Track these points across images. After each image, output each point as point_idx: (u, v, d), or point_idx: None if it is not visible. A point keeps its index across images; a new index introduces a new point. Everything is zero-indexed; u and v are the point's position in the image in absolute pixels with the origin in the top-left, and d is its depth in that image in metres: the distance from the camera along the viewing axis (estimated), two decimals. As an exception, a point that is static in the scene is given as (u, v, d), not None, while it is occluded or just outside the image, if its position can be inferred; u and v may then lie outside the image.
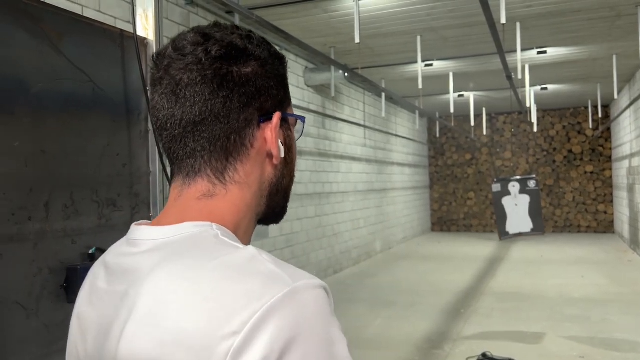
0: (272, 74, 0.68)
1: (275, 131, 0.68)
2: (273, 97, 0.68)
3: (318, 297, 0.57)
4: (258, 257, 0.58)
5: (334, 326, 0.57)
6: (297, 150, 0.75)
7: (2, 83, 0.97)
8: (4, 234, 0.95)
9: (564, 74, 8.59)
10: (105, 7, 3.85)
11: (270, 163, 0.69)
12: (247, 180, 0.68)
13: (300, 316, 0.54)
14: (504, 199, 5.66)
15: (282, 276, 0.56)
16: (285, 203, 0.76)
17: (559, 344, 4.40)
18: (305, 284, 0.56)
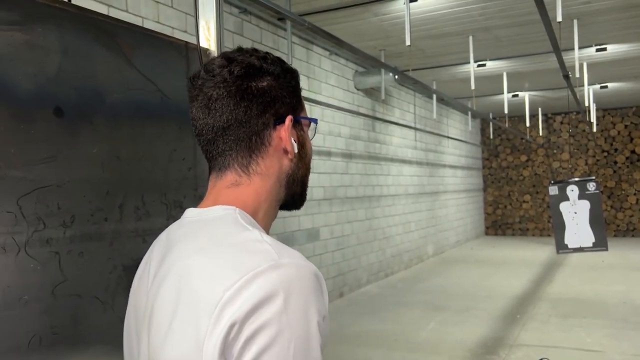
0: (285, 86, 0.83)
1: (287, 131, 0.82)
2: (286, 104, 0.83)
3: (301, 273, 0.68)
4: (259, 239, 0.72)
5: (312, 303, 0.67)
6: (312, 147, 0.89)
7: (83, 95, 1.05)
8: (85, 234, 1.03)
9: (625, 72, 8.24)
10: (163, 19, 4.02)
11: (287, 157, 0.84)
12: (267, 172, 0.83)
13: (280, 281, 0.66)
14: (561, 204, 5.44)
15: (272, 254, 0.69)
16: (304, 192, 0.89)
17: (622, 352, 4.23)
18: (290, 262, 0.69)
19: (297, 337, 0.65)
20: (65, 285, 1.01)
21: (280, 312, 0.65)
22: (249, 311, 0.64)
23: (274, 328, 0.64)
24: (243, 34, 4.98)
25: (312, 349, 0.66)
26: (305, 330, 0.66)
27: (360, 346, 4.60)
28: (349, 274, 6.85)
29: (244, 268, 0.67)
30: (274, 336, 0.64)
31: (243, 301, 0.65)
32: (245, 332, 0.64)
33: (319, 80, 6.23)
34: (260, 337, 0.64)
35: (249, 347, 0.64)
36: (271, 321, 0.64)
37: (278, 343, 0.64)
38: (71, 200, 1.03)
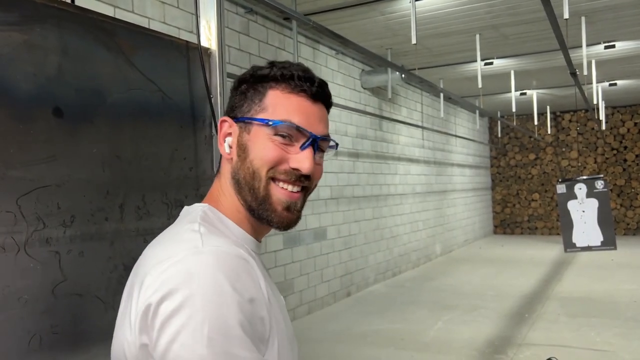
0: (238, 92, 0.88)
1: (219, 133, 0.87)
2: (236, 110, 0.87)
3: (220, 258, 0.72)
4: (194, 229, 0.78)
5: (229, 285, 0.69)
6: (270, 152, 0.83)
7: (83, 95, 1.06)
8: (85, 233, 1.04)
9: (635, 69, 8.16)
10: (169, 19, 4.03)
11: (228, 159, 0.87)
12: (222, 170, 0.89)
13: (196, 266, 0.70)
14: (569, 203, 5.37)
15: (197, 242, 0.74)
16: (254, 201, 0.84)
17: (632, 351, 4.19)
18: (210, 249, 0.73)
19: (211, 317, 0.67)
20: (66, 285, 1.01)
21: (193, 294, 0.67)
22: (164, 295, 0.68)
23: (187, 310, 0.67)
24: (249, 34, 4.99)
25: (230, 327, 0.67)
26: (220, 311, 0.67)
27: (368, 345, 4.59)
28: (356, 273, 6.84)
29: (167, 255, 0.73)
30: (187, 318, 0.66)
31: (159, 285, 0.70)
32: (160, 315, 0.68)
33: (325, 79, 6.21)
34: (174, 320, 0.67)
35: (164, 330, 0.67)
36: (184, 304, 0.67)
37: (191, 325, 0.66)
38: (71, 200, 1.03)
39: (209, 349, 0.65)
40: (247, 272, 0.73)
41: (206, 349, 0.65)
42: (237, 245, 0.78)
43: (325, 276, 6.15)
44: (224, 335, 0.66)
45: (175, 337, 0.66)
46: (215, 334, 0.66)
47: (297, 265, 5.64)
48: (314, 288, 5.94)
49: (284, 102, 0.84)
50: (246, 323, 0.69)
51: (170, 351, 0.67)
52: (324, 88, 0.91)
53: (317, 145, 0.85)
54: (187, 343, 0.66)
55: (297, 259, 5.65)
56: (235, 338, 0.67)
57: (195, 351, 0.65)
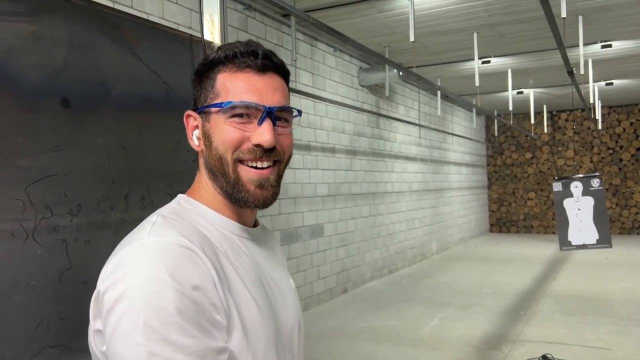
0: (194, 83, 0.89)
1: (187, 126, 0.89)
2: (196, 101, 0.89)
3: (161, 247, 0.74)
4: (152, 220, 0.80)
5: (168, 273, 0.71)
6: (230, 135, 0.84)
7: (89, 86, 1.07)
8: (91, 222, 1.05)
9: (631, 68, 8.21)
10: (168, 15, 4.04)
11: (199, 151, 0.89)
12: (199, 164, 0.90)
13: (136, 256, 0.73)
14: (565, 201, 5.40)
15: (145, 232, 0.77)
16: (227, 184, 0.86)
17: (625, 348, 4.23)
18: (154, 239, 0.75)
19: (147, 306, 0.69)
20: (72, 272, 1.02)
21: (132, 285, 0.70)
22: (109, 285, 0.72)
23: (126, 300, 0.70)
24: (247, 30, 4.99)
25: (167, 314, 0.69)
26: (157, 300, 0.69)
27: (364, 342, 4.61)
28: (353, 270, 6.87)
29: (121, 245, 0.78)
30: (125, 307, 0.70)
31: (107, 274, 0.74)
32: (105, 304, 0.72)
33: (323, 76, 6.24)
34: (115, 309, 0.70)
35: (108, 318, 0.71)
36: (123, 294, 0.70)
37: (128, 313, 0.69)
38: (78, 189, 1.04)
39: (144, 336, 0.68)
40: (190, 261, 0.74)
41: (142, 336, 0.68)
42: (193, 234, 0.79)
43: (321, 273, 6.17)
44: (161, 322, 0.68)
45: (116, 326, 0.70)
46: (151, 322, 0.68)
47: (294, 262, 5.66)
48: (311, 285, 5.96)
49: (233, 83, 0.84)
50: (187, 310, 0.70)
51: (112, 338, 0.70)
52: (271, 58, 0.88)
53: (274, 116, 0.84)
54: (125, 331, 0.69)
55: (294, 256, 5.67)
56: (172, 325, 0.69)
57: (133, 339, 0.68)
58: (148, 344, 0.68)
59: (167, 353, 0.68)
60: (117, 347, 0.70)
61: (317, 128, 6.11)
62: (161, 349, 0.68)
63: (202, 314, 0.71)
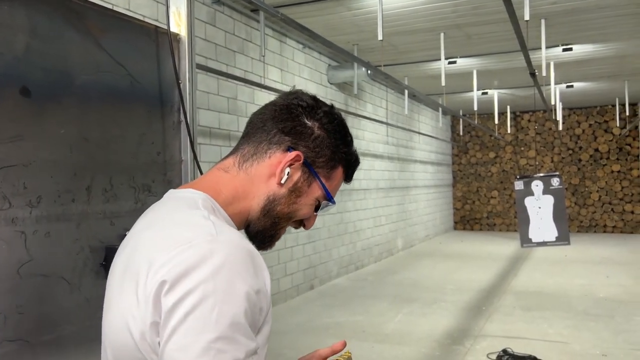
0: (324, 141, 0.92)
1: (285, 159, 0.89)
2: (309, 149, 0.91)
3: (234, 249, 0.75)
4: (205, 216, 0.80)
5: (240, 276, 0.73)
6: (310, 213, 0.95)
7: (52, 75, 1.05)
8: (52, 214, 1.03)
9: (591, 72, 8.47)
10: (134, 6, 3.97)
11: (275, 180, 0.90)
12: (254, 177, 0.90)
13: (211, 252, 0.73)
14: (526, 199, 5.55)
15: (211, 229, 0.77)
16: (269, 232, 0.93)
17: (582, 342, 4.38)
18: (226, 238, 0.76)
19: (221, 302, 0.70)
20: (31, 265, 1.00)
21: (207, 279, 0.71)
22: (179, 274, 0.71)
23: (200, 293, 0.70)
24: (215, 24, 4.95)
25: (236, 315, 0.71)
26: (230, 298, 0.71)
27: (329, 337, 4.64)
28: (320, 266, 6.89)
29: (182, 238, 0.75)
30: (199, 300, 0.70)
31: (175, 264, 0.72)
32: (174, 294, 0.70)
33: (292, 73, 6.24)
34: (187, 300, 0.70)
35: (175, 310, 0.70)
36: (198, 286, 0.70)
37: (202, 306, 0.69)
38: (38, 180, 1.02)
39: (215, 333, 0.69)
40: (254, 264, 0.77)
41: (213, 333, 0.69)
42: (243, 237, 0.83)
43: (288, 269, 6.18)
44: (231, 321, 0.70)
45: (185, 318, 0.70)
46: (223, 320, 0.70)
47: (261, 258, 5.65)
48: (277, 281, 5.96)
49: (338, 183, 0.97)
50: (249, 312, 0.73)
51: (178, 330, 0.70)
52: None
53: None
54: (196, 325, 0.69)
55: (261, 253, 5.65)
56: (240, 325, 0.71)
57: (203, 333, 0.69)
58: (217, 341, 0.69)
59: (232, 351, 0.70)
60: (182, 341, 0.69)
61: (285, 124, 6.09)
62: (227, 347, 0.70)
63: (254, 316, 0.75)
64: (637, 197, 12.11)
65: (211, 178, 0.90)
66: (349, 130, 0.97)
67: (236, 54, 5.23)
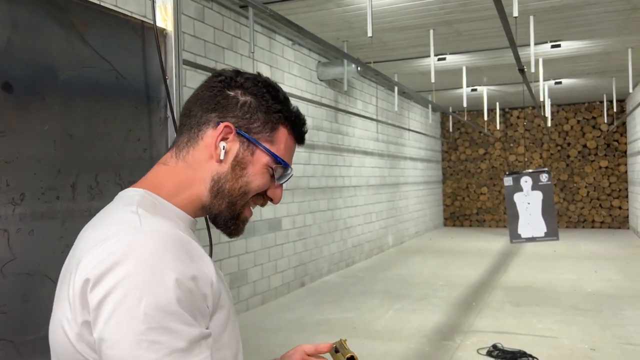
0: (253, 105, 0.89)
1: (217, 135, 0.87)
2: (241, 119, 0.88)
3: (159, 238, 0.74)
4: (133, 210, 0.80)
5: (167, 264, 0.72)
6: (264, 183, 0.90)
7: (35, 71, 1.03)
8: (36, 212, 1.01)
9: (579, 68, 8.53)
10: (121, 2, 3.93)
11: (214, 160, 0.87)
12: (192, 164, 0.87)
13: (134, 244, 0.72)
14: (515, 195, 5.58)
15: (135, 222, 0.77)
16: (228, 214, 0.89)
17: (571, 336, 4.42)
18: (150, 229, 0.75)
19: (148, 293, 0.69)
20: (15, 264, 0.98)
21: (131, 272, 0.70)
22: (103, 271, 0.71)
23: (125, 286, 0.69)
24: (204, 21, 4.91)
25: (168, 304, 0.70)
26: (157, 288, 0.69)
27: (320, 334, 4.64)
28: (311, 263, 6.89)
29: (106, 235, 0.76)
30: (124, 294, 0.69)
31: (98, 261, 0.72)
32: (99, 291, 0.70)
33: (281, 69, 6.21)
34: (112, 295, 0.69)
35: (102, 307, 0.70)
36: (122, 280, 0.69)
37: (128, 300, 0.69)
38: (21, 178, 1.00)
39: (145, 324, 0.68)
40: (186, 252, 0.75)
41: (142, 325, 0.68)
42: (176, 226, 0.81)
43: (279, 267, 6.17)
44: (161, 311, 0.69)
45: (112, 314, 0.69)
46: (151, 310, 0.68)
47: (251, 256, 5.63)
48: (268, 279, 5.94)
49: (287, 144, 0.92)
50: (185, 299, 0.71)
51: (107, 327, 0.69)
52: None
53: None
54: (124, 319, 0.68)
55: (251, 250, 5.64)
56: (172, 314, 0.69)
57: (132, 327, 0.68)
58: (148, 332, 0.68)
59: (167, 341, 0.68)
60: (113, 337, 0.68)
61: (275, 121, 6.07)
62: (161, 337, 0.68)
63: (195, 303, 0.73)
64: (624, 193, 12.23)
65: (152, 174, 0.90)
66: (281, 89, 0.94)
67: (225, 50, 5.20)
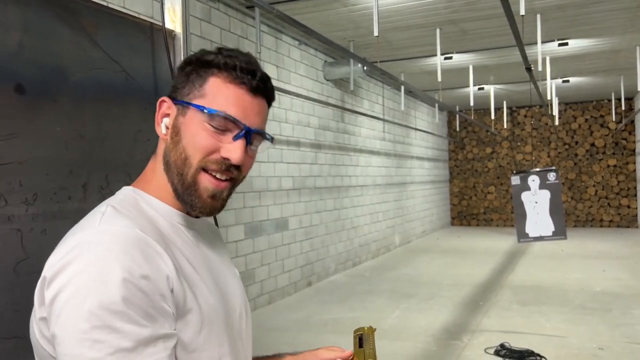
0: (180, 74, 0.88)
1: (158, 112, 0.88)
2: (177, 92, 0.87)
3: (112, 236, 0.74)
4: (102, 210, 0.80)
5: (116, 263, 0.72)
6: (203, 141, 0.83)
7: (46, 73, 1.04)
8: (48, 212, 1.03)
9: (586, 66, 8.49)
10: (128, 3, 3.96)
11: (163, 139, 0.88)
12: (158, 150, 0.89)
13: (86, 243, 0.73)
14: (523, 194, 5.55)
15: (95, 222, 0.77)
16: (181, 187, 0.85)
17: (579, 336, 4.40)
18: (105, 228, 0.75)
19: (94, 292, 0.70)
20: (27, 263, 1.00)
21: (80, 271, 0.71)
22: (57, 270, 0.72)
23: (73, 287, 0.70)
24: (211, 22, 4.93)
25: (112, 303, 0.70)
26: (103, 287, 0.70)
27: (327, 333, 4.65)
28: (317, 263, 6.90)
29: (69, 234, 0.78)
30: (71, 294, 0.70)
31: (56, 260, 0.74)
32: (51, 289, 0.72)
33: (288, 69, 6.23)
34: (61, 294, 0.71)
35: (53, 303, 0.71)
36: (71, 281, 0.71)
37: (74, 300, 0.70)
38: (33, 178, 1.02)
39: (88, 323, 0.69)
40: (140, 250, 0.74)
41: (86, 324, 0.69)
42: (146, 224, 0.80)
43: (286, 266, 6.18)
44: (106, 310, 0.69)
45: (60, 312, 0.70)
46: (96, 310, 0.69)
47: (259, 256, 5.65)
48: (275, 278, 5.96)
49: (224, 92, 0.84)
50: (134, 299, 0.71)
51: (57, 325, 0.71)
52: (266, 83, 0.87)
53: (250, 138, 0.85)
54: (70, 317, 0.69)
55: (259, 249, 5.66)
56: (117, 313, 0.69)
57: (76, 325, 0.69)
58: (92, 331, 0.68)
59: (111, 340, 0.69)
60: (60, 334, 0.70)
61: (282, 121, 6.09)
62: (105, 337, 0.68)
63: (150, 303, 0.72)
64: (633, 192, 12.15)
65: (146, 168, 0.91)
66: (223, 48, 0.87)
67: (232, 51, 5.21)
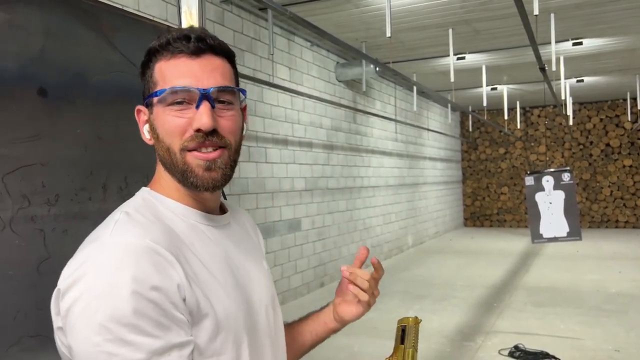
0: (140, 71, 0.87)
1: (138, 120, 0.88)
2: (144, 95, 0.87)
3: (121, 248, 0.74)
4: (115, 218, 0.80)
5: (126, 274, 0.72)
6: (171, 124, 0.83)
7: (66, 76, 1.07)
8: (69, 212, 1.05)
9: (601, 66, 8.41)
10: (143, 7, 4.00)
11: (151, 145, 0.89)
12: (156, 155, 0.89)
13: (97, 255, 0.73)
14: (537, 194, 5.52)
15: (107, 232, 0.77)
16: (177, 173, 0.86)
17: (594, 337, 4.36)
18: (115, 240, 0.75)
19: (105, 307, 0.70)
20: (50, 262, 1.02)
21: (91, 284, 0.71)
22: (70, 282, 0.73)
23: (83, 302, 0.71)
24: (224, 24, 4.97)
25: (123, 315, 0.70)
26: (113, 300, 0.70)
27: (340, 335, 4.61)
28: (330, 264, 6.90)
29: (83, 245, 0.79)
30: (82, 309, 0.71)
31: (68, 273, 0.74)
32: (65, 301, 0.73)
33: (300, 71, 6.24)
34: (72, 309, 0.71)
35: (67, 316, 0.72)
36: (82, 295, 0.71)
37: (85, 314, 0.71)
38: (55, 179, 1.04)
39: (100, 336, 0.69)
40: (150, 261, 0.74)
41: (98, 337, 0.69)
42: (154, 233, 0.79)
43: (299, 267, 6.20)
44: (117, 323, 0.70)
45: (74, 325, 0.71)
46: (107, 323, 0.69)
47: (271, 256, 5.67)
48: (288, 279, 5.98)
49: (168, 70, 0.82)
50: (145, 310, 0.71)
51: (71, 338, 0.72)
52: (205, 40, 0.83)
53: (211, 98, 0.81)
54: (83, 331, 0.70)
55: (271, 250, 5.68)
56: (128, 325, 0.70)
57: (89, 338, 0.70)
58: (105, 344, 0.69)
59: (125, 353, 0.69)
60: (76, 347, 0.71)
61: (295, 122, 6.11)
62: (118, 350, 0.69)
63: (161, 312, 0.72)
64: (649, 192, 12.01)
65: (155, 172, 0.91)
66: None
67: (245, 52, 5.25)
